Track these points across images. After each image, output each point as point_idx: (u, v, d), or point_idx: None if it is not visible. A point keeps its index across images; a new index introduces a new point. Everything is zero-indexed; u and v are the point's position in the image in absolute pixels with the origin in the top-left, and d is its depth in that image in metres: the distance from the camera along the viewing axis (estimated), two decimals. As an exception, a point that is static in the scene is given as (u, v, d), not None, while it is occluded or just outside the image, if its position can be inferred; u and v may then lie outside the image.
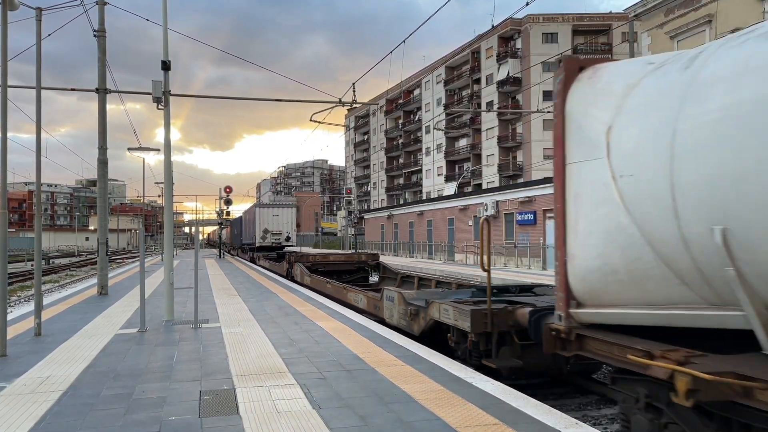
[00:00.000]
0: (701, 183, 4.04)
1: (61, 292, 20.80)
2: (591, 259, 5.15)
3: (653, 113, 4.60)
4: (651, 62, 5.14)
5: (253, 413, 4.90)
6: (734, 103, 3.87)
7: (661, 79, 4.75)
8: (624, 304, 4.98)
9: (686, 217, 4.20)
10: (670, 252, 4.44)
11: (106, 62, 15.54)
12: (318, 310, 11.66)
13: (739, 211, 3.82)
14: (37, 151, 10.05)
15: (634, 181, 4.66)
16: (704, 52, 4.54)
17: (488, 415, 4.73)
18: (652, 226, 4.54)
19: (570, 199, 5.53)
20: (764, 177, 3.59)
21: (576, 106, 5.54)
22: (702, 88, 4.19)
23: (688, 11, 21.58)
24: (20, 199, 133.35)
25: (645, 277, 4.72)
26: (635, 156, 4.67)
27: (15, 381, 6.13)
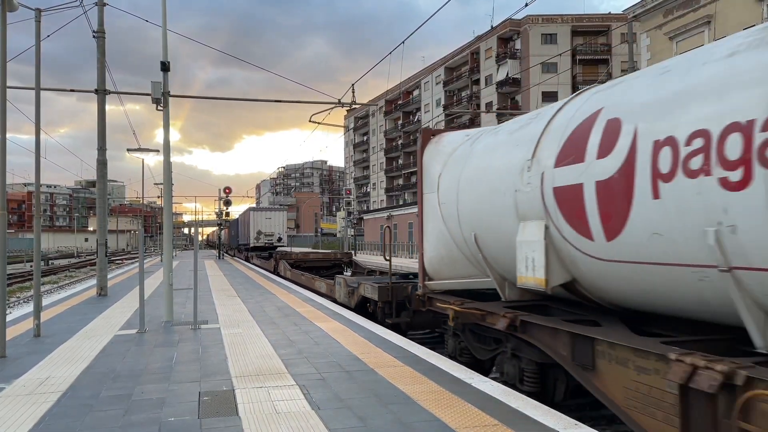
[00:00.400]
0: (467, 209, 7.88)
1: (60, 293, 20.79)
2: (432, 252, 9.08)
3: (456, 168, 8.39)
4: (467, 135, 9.04)
5: (252, 414, 4.90)
6: (479, 168, 7.69)
7: (464, 147, 8.54)
8: (449, 278, 8.88)
9: (464, 227, 8.00)
10: (461, 246, 8.31)
11: (106, 63, 15.55)
12: (317, 310, 11.66)
13: (479, 224, 7.60)
14: (36, 151, 10.05)
15: (446, 206, 8.50)
16: (482, 134, 8.38)
17: (487, 415, 4.73)
18: (453, 232, 8.40)
19: (423, 216, 9.30)
20: (486, 206, 7.35)
21: (427, 159, 9.43)
22: (472, 157, 8.03)
23: (687, 12, 21.60)
24: (19, 200, 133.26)
25: (455, 261, 8.62)
26: (447, 192, 8.47)
27: (14, 382, 6.13)
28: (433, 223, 9.05)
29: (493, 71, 59.04)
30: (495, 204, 7.20)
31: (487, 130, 8.56)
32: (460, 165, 8.31)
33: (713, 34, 20.41)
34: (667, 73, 5.16)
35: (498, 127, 8.28)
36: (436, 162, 9.17)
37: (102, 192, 15.96)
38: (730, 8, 19.81)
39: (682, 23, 21.78)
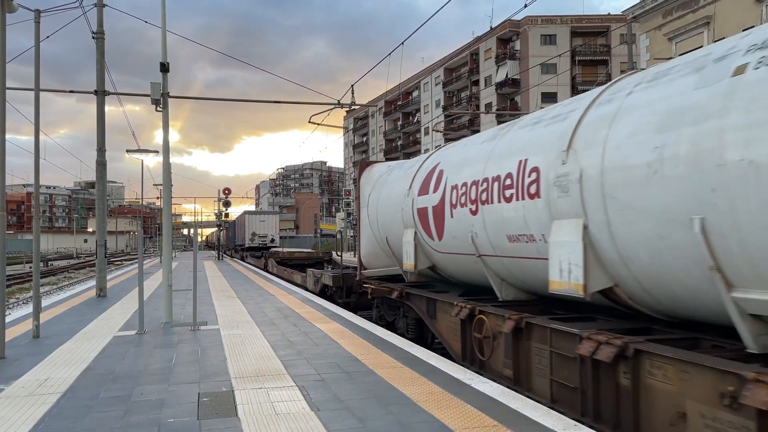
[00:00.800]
0: (382, 220, 11.45)
1: (59, 294, 20.78)
2: (365, 249, 12.58)
3: (377, 191, 12.00)
4: (389, 167, 12.51)
5: (251, 415, 4.90)
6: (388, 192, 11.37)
7: (384, 176, 12.14)
8: (375, 267, 12.23)
9: (381, 232, 11.57)
10: (381, 245, 11.70)
11: (105, 64, 15.55)
12: (316, 311, 11.66)
13: (388, 230, 11.20)
14: (35, 152, 10.05)
15: (372, 218, 12.01)
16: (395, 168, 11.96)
17: (487, 416, 4.73)
18: (376, 235, 11.90)
19: (360, 225, 12.92)
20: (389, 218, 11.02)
21: (363, 183, 13.03)
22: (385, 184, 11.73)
23: (687, 13, 21.61)
24: (19, 201, 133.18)
25: (378, 256, 12.03)
26: (373, 207, 11.99)
27: (14, 383, 6.12)
28: (365, 229, 12.73)
29: (492, 72, 59.05)
30: (394, 217, 10.96)
31: (398, 164, 12.52)
32: (379, 189, 12.22)
33: (712, 35, 20.42)
34: (464, 146, 9.18)
35: (402, 163, 12.29)
36: (368, 186, 12.97)
37: (101, 193, 15.96)
38: (729, 9, 19.83)
39: (681, 24, 21.79)
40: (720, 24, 20.34)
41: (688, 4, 21.75)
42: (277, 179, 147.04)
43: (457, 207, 8.28)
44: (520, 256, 6.97)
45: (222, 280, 21.12)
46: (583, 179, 5.61)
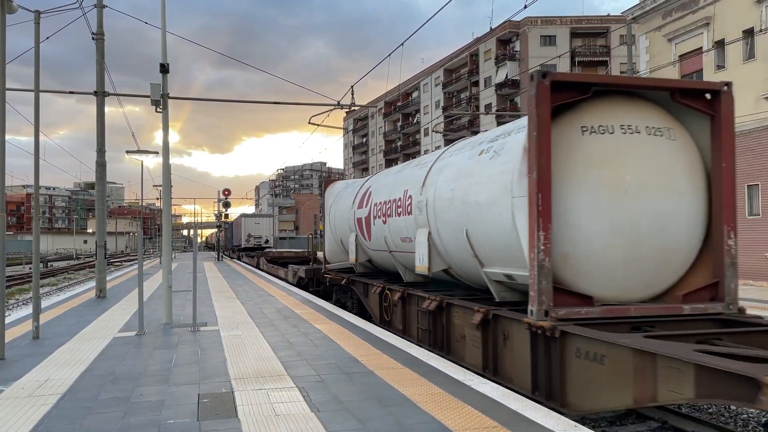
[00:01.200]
0: (337, 226, 15.26)
1: (59, 295, 20.76)
2: (328, 248, 15.94)
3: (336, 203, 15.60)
4: (346, 184, 16.09)
5: (251, 416, 4.90)
6: (342, 204, 14.90)
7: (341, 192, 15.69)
8: (336, 261, 15.49)
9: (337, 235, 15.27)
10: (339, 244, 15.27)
11: (105, 65, 15.54)
12: (316, 312, 11.66)
13: (341, 233, 14.87)
14: (35, 153, 10.04)
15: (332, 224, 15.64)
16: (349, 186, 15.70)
17: (487, 417, 4.73)
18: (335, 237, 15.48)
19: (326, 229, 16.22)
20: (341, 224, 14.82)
21: (326, 197, 16.64)
22: (340, 198, 15.41)
23: (686, 14, 21.61)
24: (18, 202, 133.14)
25: (337, 252, 15.43)
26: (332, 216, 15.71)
27: (13, 384, 6.12)
28: (328, 233, 16.16)
29: (492, 73, 59.07)
30: (345, 224, 14.43)
31: (351, 183, 16.15)
32: (337, 202, 15.65)
33: (712, 36, 20.43)
34: (384, 175, 12.91)
35: (354, 182, 15.97)
36: (330, 199, 16.45)
37: (101, 194, 15.95)
38: (729, 10, 19.83)
39: (681, 25, 21.79)
40: (719, 25, 20.35)
41: (687, 5, 21.75)
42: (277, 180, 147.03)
43: (377, 218, 11.89)
44: (408, 251, 10.37)
45: (222, 280, 21.11)
46: (428, 204, 9.22)
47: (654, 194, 6.31)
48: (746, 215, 19.37)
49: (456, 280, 9.32)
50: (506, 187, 6.83)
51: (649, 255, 6.30)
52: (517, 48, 56.94)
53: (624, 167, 6.28)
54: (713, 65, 20.70)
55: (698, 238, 6.65)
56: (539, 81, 6.15)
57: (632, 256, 6.26)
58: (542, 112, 6.11)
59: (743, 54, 19.57)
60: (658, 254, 6.34)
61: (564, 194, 6.24)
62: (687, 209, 6.48)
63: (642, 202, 6.27)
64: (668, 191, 6.36)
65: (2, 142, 7.60)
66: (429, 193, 9.17)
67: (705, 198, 6.65)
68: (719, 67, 20.56)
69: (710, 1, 20.52)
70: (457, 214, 8.16)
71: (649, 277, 6.44)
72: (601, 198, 6.22)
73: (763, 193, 18.77)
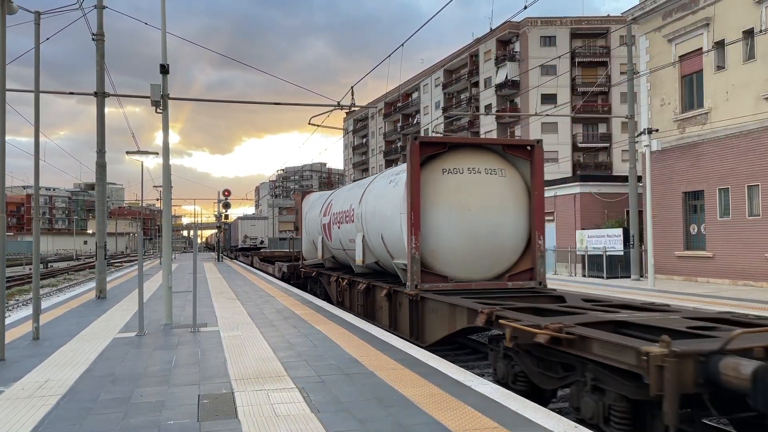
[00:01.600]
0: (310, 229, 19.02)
1: (59, 295, 20.76)
2: (304, 246, 19.94)
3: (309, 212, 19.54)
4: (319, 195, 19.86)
5: (251, 417, 4.89)
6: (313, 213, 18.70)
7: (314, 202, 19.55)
8: (309, 258, 19.34)
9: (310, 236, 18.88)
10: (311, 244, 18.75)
11: (105, 66, 15.55)
12: (316, 313, 11.65)
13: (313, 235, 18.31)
14: (35, 154, 10.04)
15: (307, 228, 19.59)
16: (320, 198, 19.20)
17: (487, 418, 4.73)
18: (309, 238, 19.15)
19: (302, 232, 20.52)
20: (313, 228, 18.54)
21: (303, 205, 20.80)
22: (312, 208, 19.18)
23: (686, 14, 21.60)
24: (18, 203, 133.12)
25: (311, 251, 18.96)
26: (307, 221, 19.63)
27: (13, 385, 6.11)
28: (304, 235, 19.81)
29: (492, 74, 59.05)
30: (314, 228, 17.93)
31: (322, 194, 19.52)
32: (310, 210, 19.18)
33: (712, 37, 20.42)
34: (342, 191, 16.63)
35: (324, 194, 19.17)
36: (306, 207, 20.13)
37: (101, 194, 15.95)
38: (729, 11, 19.82)
39: (681, 26, 21.77)
40: (719, 25, 20.35)
41: (687, 5, 21.74)
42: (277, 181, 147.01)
43: (335, 224, 15.34)
44: (354, 249, 13.55)
45: (222, 281, 21.11)
46: (362, 215, 12.67)
47: (488, 211, 9.85)
48: (746, 216, 19.36)
49: (382, 269, 12.78)
50: (398, 207, 10.54)
51: (486, 250, 9.88)
52: (517, 49, 56.92)
53: (469, 195, 9.84)
54: (713, 66, 20.70)
55: (523, 240, 10.18)
56: (412, 142, 9.75)
57: (474, 250, 9.83)
58: (414, 162, 9.68)
59: (743, 54, 19.57)
60: (493, 249, 9.93)
61: (431, 211, 9.81)
62: (512, 221, 10.00)
63: (480, 217, 9.80)
64: (498, 209, 9.92)
65: (2, 143, 7.60)
66: (363, 208, 12.80)
67: (527, 214, 10.20)
68: (719, 67, 20.56)
69: (710, 2, 20.50)
70: (377, 222, 11.84)
71: (487, 264, 10.00)
72: (453, 214, 9.81)
73: (764, 193, 18.76)
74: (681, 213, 22.13)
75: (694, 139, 21.39)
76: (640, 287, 18.96)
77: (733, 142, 19.89)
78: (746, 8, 19.40)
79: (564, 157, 52.59)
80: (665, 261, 22.29)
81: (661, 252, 21.83)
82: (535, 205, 10.23)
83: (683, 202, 22.10)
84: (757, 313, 13.07)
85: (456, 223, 9.74)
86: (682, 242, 22.01)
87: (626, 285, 19.96)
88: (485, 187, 9.92)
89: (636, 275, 22.67)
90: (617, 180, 27.82)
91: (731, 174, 19.88)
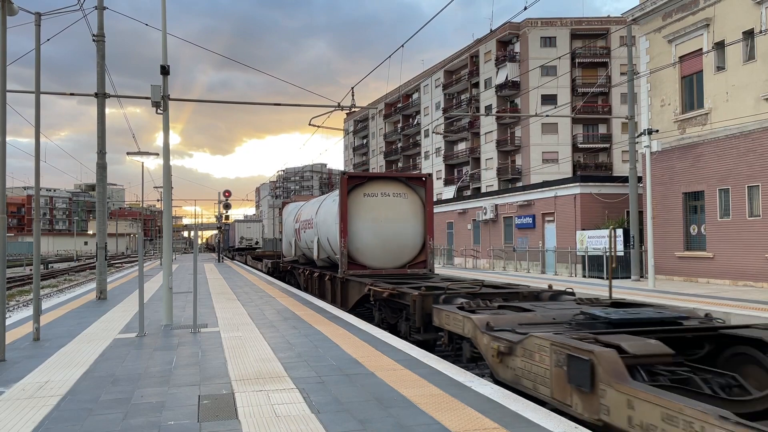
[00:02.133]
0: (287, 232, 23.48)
1: (59, 296, 20.77)
2: (284, 246, 23.99)
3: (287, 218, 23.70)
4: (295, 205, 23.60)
5: (252, 418, 4.90)
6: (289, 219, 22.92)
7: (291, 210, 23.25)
8: (288, 255, 23.05)
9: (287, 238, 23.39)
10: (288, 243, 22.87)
11: (105, 67, 15.55)
12: (317, 314, 11.65)
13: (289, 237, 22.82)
14: (36, 155, 10.05)
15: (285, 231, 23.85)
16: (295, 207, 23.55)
17: (487, 419, 4.73)
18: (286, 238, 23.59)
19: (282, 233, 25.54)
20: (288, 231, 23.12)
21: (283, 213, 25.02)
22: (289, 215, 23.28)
23: (686, 15, 21.60)
24: (19, 204, 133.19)
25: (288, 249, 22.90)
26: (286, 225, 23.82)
27: (13, 386, 6.12)
28: (284, 237, 23.52)
29: (492, 74, 59.06)
30: (290, 231, 22.06)
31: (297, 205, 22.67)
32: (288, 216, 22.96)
33: (712, 37, 20.43)
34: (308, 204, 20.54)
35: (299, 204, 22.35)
36: (285, 214, 23.87)
37: (101, 195, 15.96)
38: (729, 11, 19.83)
39: (681, 26, 21.78)
40: (720, 26, 20.35)
41: (687, 6, 21.75)
42: (278, 181, 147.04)
43: (302, 230, 19.64)
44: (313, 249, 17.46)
45: (222, 282, 21.12)
46: (318, 223, 16.92)
47: (395, 222, 14.23)
48: (747, 216, 19.36)
49: (332, 263, 16.62)
50: (335, 217, 14.74)
51: (393, 248, 14.25)
52: (517, 49, 56.92)
53: (381, 211, 14.19)
54: (713, 66, 20.71)
55: (419, 241, 14.54)
56: (341, 176, 14.26)
57: (384, 248, 14.21)
58: (343, 189, 14.07)
59: (743, 55, 19.57)
60: (398, 248, 14.30)
61: (355, 222, 14.16)
62: (412, 229, 14.37)
63: (389, 225, 14.19)
64: (402, 221, 14.29)
65: (3, 144, 7.60)
66: (318, 218, 17.12)
67: (423, 224, 14.49)
68: (719, 68, 20.57)
69: (710, 3, 20.51)
70: (325, 229, 16.18)
71: (394, 258, 14.38)
72: (370, 223, 14.13)
73: (764, 194, 18.76)
74: (681, 213, 22.13)
75: (695, 139, 21.40)
76: (640, 287, 18.95)
77: (733, 143, 19.89)
78: (746, 9, 19.40)
79: (564, 158, 52.59)
80: (665, 261, 22.29)
81: (661, 252, 21.84)
82: (427, 218, 14.45)
83: (683, 203, 22.10)
84: (757, 313, 13.08)
85: (372, 230, 14.13)
86: (683, 243, 22.01)
87: (626, 286, 19.95)
88: (392, 206, 14.28)
89: (636, 276, 22.67)
90: (617, 180, 27.81)
91: (731, 174, 19.88)
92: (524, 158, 55.15)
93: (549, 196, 29.28)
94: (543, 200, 29.71)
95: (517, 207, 31.77)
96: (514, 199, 32.26)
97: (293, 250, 21.41)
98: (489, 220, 34.50)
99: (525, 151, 55.09)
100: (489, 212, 34.04)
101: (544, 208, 29.63)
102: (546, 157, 53.69)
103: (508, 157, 57.97)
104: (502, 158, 58.19)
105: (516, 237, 31.86)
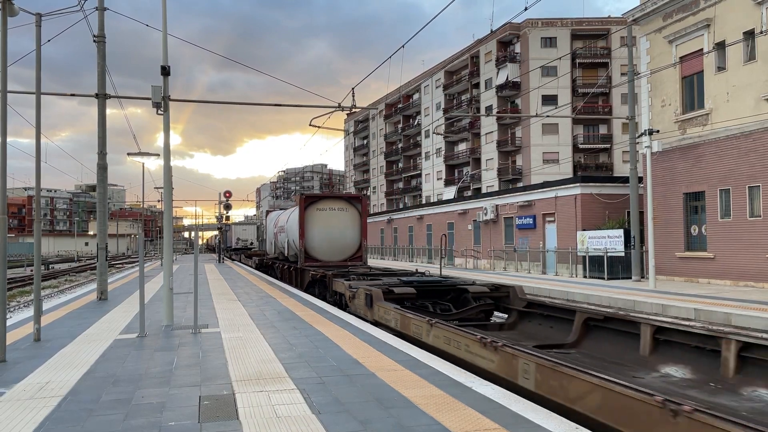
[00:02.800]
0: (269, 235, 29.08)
1: (60, 297, 20.78)
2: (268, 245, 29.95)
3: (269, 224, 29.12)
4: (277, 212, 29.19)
5: (252, 418, 4.90)
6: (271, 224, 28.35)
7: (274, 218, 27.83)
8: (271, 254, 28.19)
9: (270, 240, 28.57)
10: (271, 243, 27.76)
11: (106, 67, 15.56)
12: (317, 314, 11.66)
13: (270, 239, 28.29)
14: (36, 156, 10.05)
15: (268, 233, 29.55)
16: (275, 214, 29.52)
17: (488, 419, 4.73)
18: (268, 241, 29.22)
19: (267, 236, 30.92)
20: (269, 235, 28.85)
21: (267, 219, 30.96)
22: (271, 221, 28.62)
23: (687, 15, 21.61)
24: (20, 204, 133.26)
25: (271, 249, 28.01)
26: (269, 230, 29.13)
27: (14, 386, 6.12)
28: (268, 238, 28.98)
29: (492, 75, 59.06)
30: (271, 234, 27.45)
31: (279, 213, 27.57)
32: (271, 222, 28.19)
33: (713, 38, 20.43)
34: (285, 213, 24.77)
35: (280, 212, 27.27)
36: (268, 221, 29.43)
37: (102, 196, 15.97)
38: (729, 12, 19.83)
39: (681, 27, 21.79)
40: (720, 26, 20.35)
41: (688, 6, 21.76)
42: (278, 182, 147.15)
43: (279, 233, 24.39)
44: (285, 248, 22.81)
45: (223, 282, 21.12)
46: (287, 228, 22.36)
47: (339, 228, 19.52)
48: (747, 217, 19.36)
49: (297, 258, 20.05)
50: (296, 224, 19.56)
51: (338, 247, 19.46)
52: (517, 50, 56.93)
53: (329, 220, 19.42)
54: (714, 66, 20.71)
55: (358, 242, 19.72)
56: (300, 196, 19.81)
57: (331, 246, 19.41)
58: (301, 206, 19.43)
59: (744, 55, 19.57)
60: (341, 246, 19.50)
61: (310, 228, 19.36)
62: (351, 233, 19.65)
63: (335, 231, 19.46)
64: (344, 227, 19.57)
65: (4, 144, 7.61)
66: (287, 225, 22.04)
67: (360, 229, 19.76)
68: (720, 68, 20.56)
69: (711, 3, 20.52)
70: (292, 233, 20.67)
71: (339, 253, 19.44)
72: (321, 229, 19.38)
73: (764, 194, 18.75)
74: (682, 214, 22.12)
75: (695, 140, 21.39)
76: (640, 288, 18.95)
77: (733, 143, 19.89)
78: (747, 9, 19.40)
79: (565, 159, 52.58)
80: (666, 262, 22.28)
81: (662, 253, 21.83)
82: (363, 225, 19.76)
83: (684, 203, 22.09)
84: (757, 314, 13.07)
85: (323, 234, 19.32)
86: (683, 243, 22.00)
87: (626, 286, 19.94)
88: (338, 217, 19.48)
89: (637, 276, 22.66)
90: (618, 181, 27.81)
91: (732, 175, 19.87)
92: (525, 159, 55.14)
93: (549, 196, 29.27)
94: (543, 201, 29.71)
95: (518, 207, 31.76)
96: (515, 199, 32.25)
97: (273, 249, 26.48)
98: (489, 221, 34.48)
99: (525, 152, 55.08)
100: (489, 213, 34.03)
101: (545, 209, 29.62)
102: (546, 158, 53.68)
103: (508, 158, 57.96)
104: (503, 159, 58.18)
105: (516, 237, 31.85)
